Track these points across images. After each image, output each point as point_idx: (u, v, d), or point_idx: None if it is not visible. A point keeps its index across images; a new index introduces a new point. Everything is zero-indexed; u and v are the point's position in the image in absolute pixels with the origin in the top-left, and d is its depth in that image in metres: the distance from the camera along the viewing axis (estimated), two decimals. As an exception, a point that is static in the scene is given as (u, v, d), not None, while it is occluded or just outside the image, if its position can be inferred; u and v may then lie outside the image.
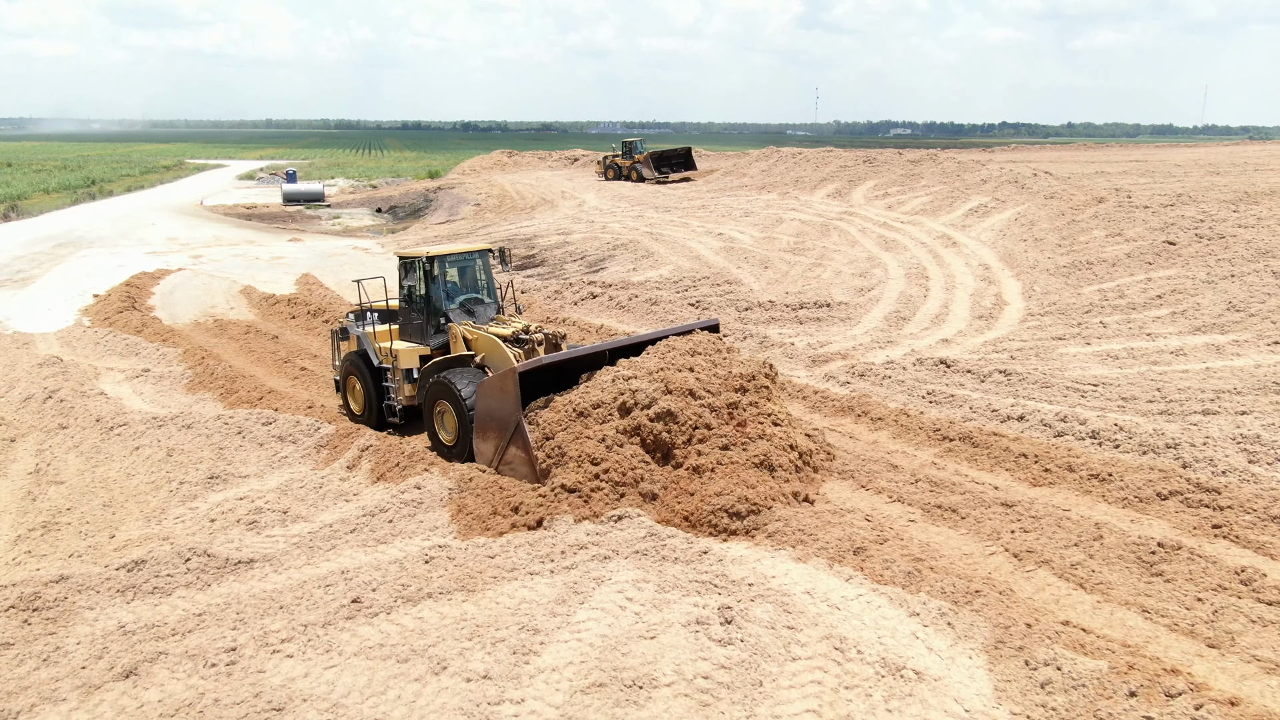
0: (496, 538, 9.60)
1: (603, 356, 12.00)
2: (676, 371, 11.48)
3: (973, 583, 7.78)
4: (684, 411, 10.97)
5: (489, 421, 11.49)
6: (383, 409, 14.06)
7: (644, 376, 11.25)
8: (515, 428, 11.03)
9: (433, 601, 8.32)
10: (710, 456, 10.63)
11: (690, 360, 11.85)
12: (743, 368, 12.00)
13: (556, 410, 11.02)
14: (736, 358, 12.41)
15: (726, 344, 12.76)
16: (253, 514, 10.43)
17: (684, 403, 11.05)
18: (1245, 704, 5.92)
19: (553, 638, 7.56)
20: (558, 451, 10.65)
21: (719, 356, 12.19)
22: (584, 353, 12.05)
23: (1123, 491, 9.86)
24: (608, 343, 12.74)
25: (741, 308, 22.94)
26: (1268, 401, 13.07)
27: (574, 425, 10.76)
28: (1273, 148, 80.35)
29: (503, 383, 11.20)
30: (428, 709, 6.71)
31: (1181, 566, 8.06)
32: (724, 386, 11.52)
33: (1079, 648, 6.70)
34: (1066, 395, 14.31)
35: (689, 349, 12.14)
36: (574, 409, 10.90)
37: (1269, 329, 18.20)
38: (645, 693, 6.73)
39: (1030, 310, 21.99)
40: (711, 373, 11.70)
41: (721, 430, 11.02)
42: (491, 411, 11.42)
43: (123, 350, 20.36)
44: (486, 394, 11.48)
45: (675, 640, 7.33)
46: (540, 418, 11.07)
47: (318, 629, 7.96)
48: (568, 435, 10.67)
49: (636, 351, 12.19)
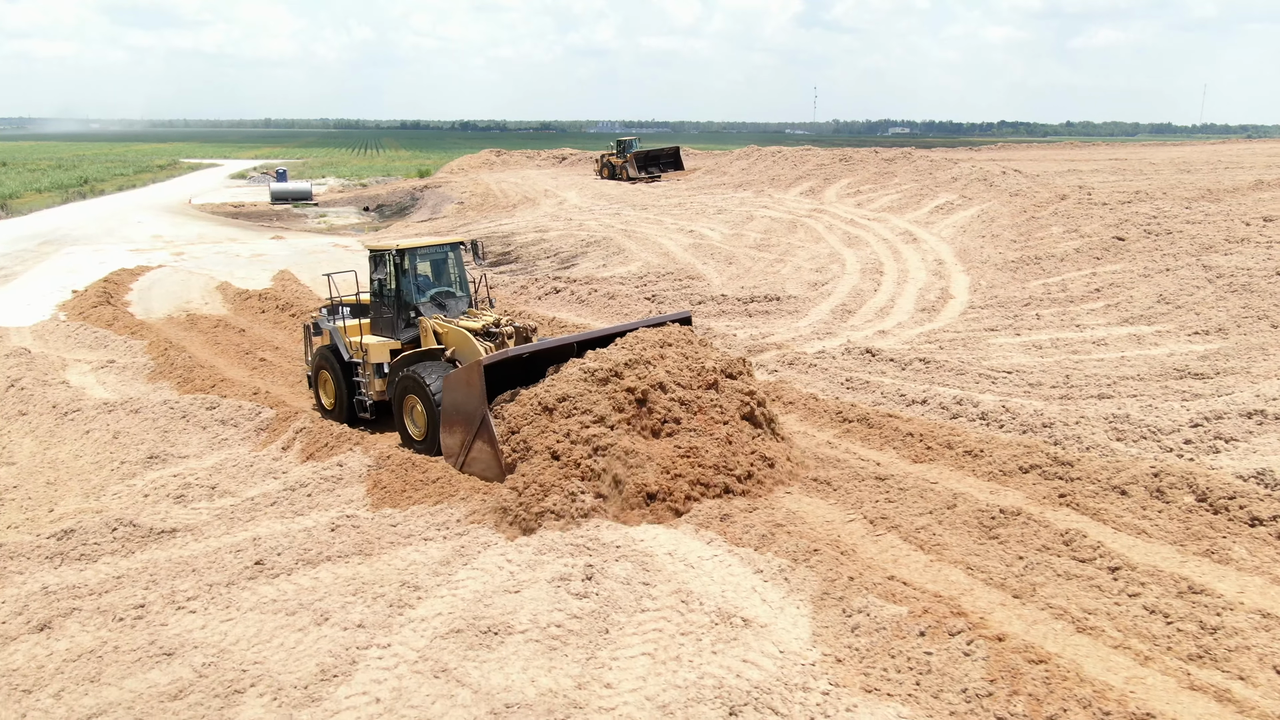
0: (403, 509, 10.32)
1: (570, 349, 11.72)
2: (646, 364, 11.24)
3: (816, 544, 8.48)
4: (656, 404, 10.76)
5: (455, 415, 11.33)
6: (353, 404, 13.90)
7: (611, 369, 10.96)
8: (481, 422, 10.87)
9: (330, 564, 9.04)
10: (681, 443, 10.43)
11: (660, 352, 11.64)
12: (716, 361, 11.88)
13: (522, 404, 10.82)
14: (710, 351, 12.27)
15: (700, 337, 12.63)
16: (181, 489, 11.15)
17: (654, 395, 10.84)
18: (1010, 639, 6.60)
19: (431, 594, 8.28)
20: (523, 446, 10.44)
21: (690, 349, 12.02)
22: (551, 345, 11.80)
23: (990, 466, 10.55)
24: (576, 335, 12.61)
25: (695, 301, 23.61)
26: (1158, 386, 13.75)
27: (539, 419, 10.56)
28: (1258, 146, 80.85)
29: (468, 376, 11.06)
30: (302, 653, 7.42)
31: (1016, 530, 8.75)
32: (695, 380, 11.36)
33: (890, 597, 7.39)
34: (978, 382, 14.99)
35: (659, 341, 11.91)
36: (539, 403, 10.69)
37: (1191, 320, 18.85)
38: (499, 638, 7.45)
39: (972, 303, 22.65)
40: (683, 365, 11.53)
41: (691, 424, 10.83)
42: (457, 405, 11.25)
43: (92, 343, 21.08)
44: (452, 387, 11.34)
45: (537, 594, 8.05)
46: (506, 411, 10.89)
47: (221, 588, 8.68)
48: (533, 429, 10.46)
49: (606, 344, 11.85)
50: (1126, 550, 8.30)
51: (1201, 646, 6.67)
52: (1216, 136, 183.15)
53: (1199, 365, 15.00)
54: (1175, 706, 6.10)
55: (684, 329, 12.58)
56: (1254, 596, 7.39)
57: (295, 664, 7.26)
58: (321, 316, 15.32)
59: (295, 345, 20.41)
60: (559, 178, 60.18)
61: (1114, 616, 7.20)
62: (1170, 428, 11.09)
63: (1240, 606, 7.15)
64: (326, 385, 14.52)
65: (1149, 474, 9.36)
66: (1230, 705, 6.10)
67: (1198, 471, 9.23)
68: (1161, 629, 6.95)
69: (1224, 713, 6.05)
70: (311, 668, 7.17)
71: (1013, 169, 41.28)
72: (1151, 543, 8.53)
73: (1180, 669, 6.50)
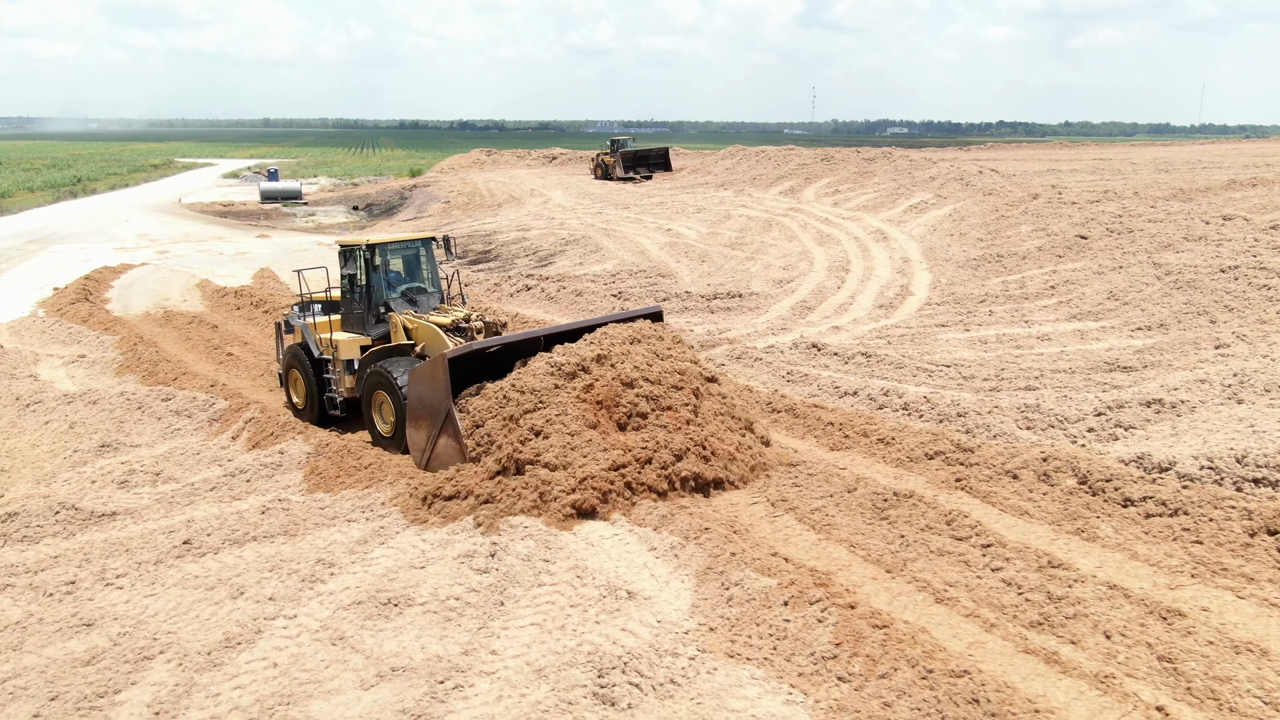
0: (335, 494, 10.77)
1: (538, 343, 11.69)
2: (613, 359, 11.17)
3: (709, 524, 8.93)
4: (621, 398, 10.77)
5: (420, 410, 11.29)
6: (324, 402, 13.76)
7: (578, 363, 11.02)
8: (446, 416, 10.84)
9: (256, 543, 9.50)
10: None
11: (629, 348, 11.56)
12: (687, 357, 11.86)
13: (487, 397, 10.87)
14: (681, 348, 12.23)
15: (671, 333, 12.59)
16: (126, 475, 11.61)
17: (620, 390, 10.83)
18: (861, 605, 7.06)
19: (343, 570, 8.74)
20: (487, 439, 10.48)
21: (660, 345, 11.98)
22: (518, 339, 11.73)
23: (898, 453, 11.00)
24: (544, 329, 12.50)
25: (660, 298, 24.03)
26: (1083, 379, 14.17)
27: (502, 411, 10.63)
28: (1246, 146, 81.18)
29: (433, 370, 11.01)
30: (213, 623, 7.88)
31: (904, 511, 9.19)
32: (663, 376, 11.25)
33: (766, 571, 7.84)
34: (914, 375, 15.42)
35: (629, 336, 11.83)
36: (504, 396, 10.80)
37: (1136, 316, 19.26)
38: (399, 609, 7.91)
39: (930, 300, 23.08)
40: (650, 361, 11.44)
41: (659, 420, 10.74)
42: (423, 400, 11.20)
43: (65, 338, 21.55)
44: (418, 381, 11.32)
45: (441, 570, 8.51)
46: (471, 405, 10.92)
47: (150, 566, 9.14)
48: (497, 423, 10.52)
49: (574, 338, 11.82)
50: (1004, 529, 8.75)
51: (1043, 614, 7.12)
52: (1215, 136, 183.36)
53: (1130, 359, 15.44)
54: (1005, 667, 6.54)
55: (654, 325, 12.61)
56: (1109, 571, 7.83)
57: (205, 633, 7.72)
58: (293, 314, 15.19)
59: (265, 340, 20.89)
60: (546, 177, 60.62)
61: (972, 589, 7.65)
62: (1076, 417, 11.53)
63: (1092, 579, 7.59)
64: (297, 384, 14.42)
65: (1039, 459, 9.80)
66: (1055, 666, 6.54)
67: (1082, 456, 9.67)
68: (1012, 599, 7.40)
69: (1049, 673, 6.49)
70: (219, 636, 7.63)
71: (989, 169, 41.68)
72: (1031, 522, 8.97)
73: (1020, 635, 6.95)
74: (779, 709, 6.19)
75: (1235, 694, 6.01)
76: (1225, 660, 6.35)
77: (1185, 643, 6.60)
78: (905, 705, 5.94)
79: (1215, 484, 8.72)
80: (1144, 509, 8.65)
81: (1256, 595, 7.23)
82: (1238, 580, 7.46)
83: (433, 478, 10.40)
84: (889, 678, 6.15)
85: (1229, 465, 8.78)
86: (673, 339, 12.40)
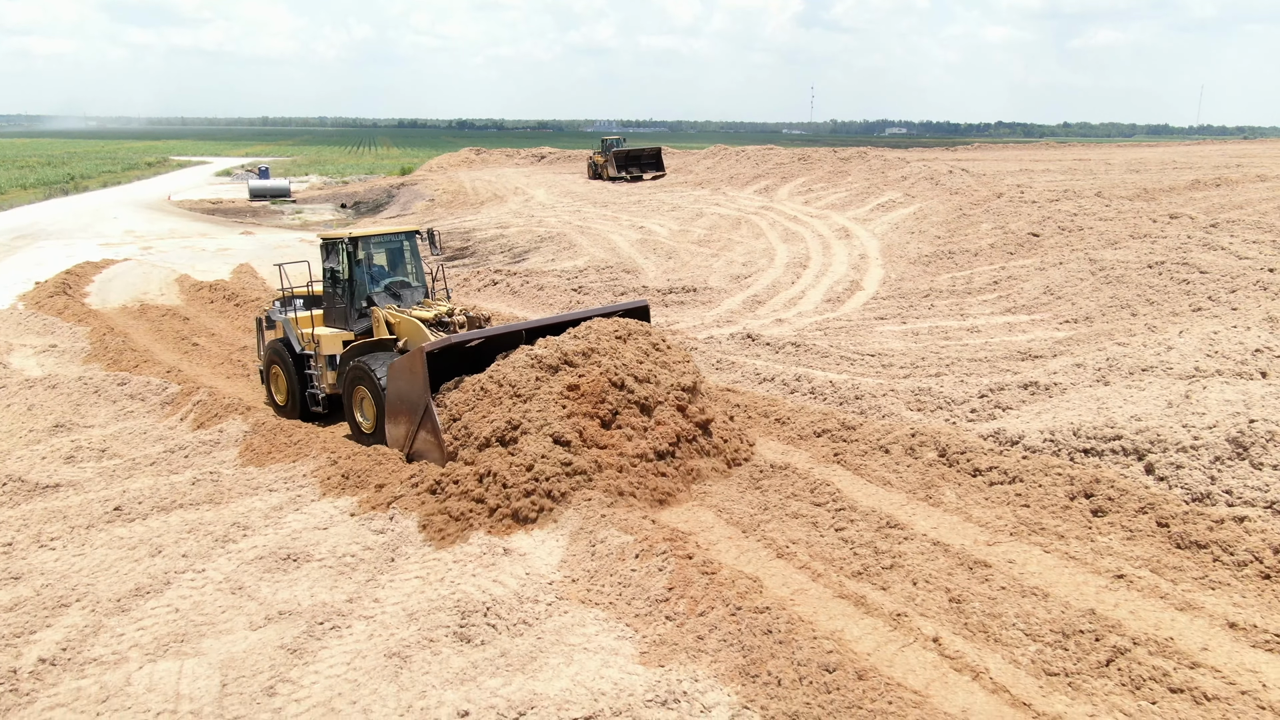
0: (265, 468, 11.57)
1: (519, 336, 11.55)
2: (596, 355, 11.02)
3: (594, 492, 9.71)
4: (607, 398, 10.56)
5: (400, 404, 11.24)
6: (305, 398, 13.62)
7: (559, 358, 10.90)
8: (424, 410, 10.78)
9: (182, 510, 10.30)
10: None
11: (614, 345, 11.38)
12: (674, 357, 11.75)
13: (465, 391, 10.83)
14: (671, 349, 12.04)
15: (659, 331, 12.41)
16: (73, 451, 12.41)
17: (603, 388, 10.64)
18: (697, 556, 7.85)
19: (257, 532, 9.53)
20: (464, 433, 10.43)
21: (646, 342, 11.79)
22: (498, 332, 11.56)
23: (791, 431, 11.78)
24: (525, 322, 12.35)
25: (618, 292, 24.83)
26: (989, 366, 14.95)
27: (480, 405, 10.54)
28: (1230, 148, 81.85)
29: (411, 363, 10.91)
30: (129, 577, 8.68)
31: (776, 482, 9.98)
32: (650, 377, 11.03)
33: (629, 530, 8.62)
34: (837, 363, 16.19)
35: (614, 331, 11.63)
36: (481, 389, 10.72)
37: (1066, 309, 20.04)
38: (296, 564, 8.71)
39: (877, 295, 23.85)
40: (636, 359, 11.22)
41: (637, 422, 10.53)
42: (402, 394, 11.15)
43: (40, 329, 22.35)
44: (396, 375, 11.24)
45: (342, 531, 9.31)
46: (448, 399, 10.88)
47: (82, 530, 9.94)
48: (474, 415, 10.45)
49: (557, 332, 11.67)
50: (862, 497, 9.54)
51: (865, 566, 7.90)
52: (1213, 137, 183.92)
53: (1045, 349, 16.21)
54: (816, 608, 7.33)
55: (641, 322, 12.39)
56: (941, 531, 8.62)
57: (119, 584, 8.52)
58: (274, 309, 14.95)
59: (233, 332, 21.74)
60: (532, 176, 61.42)
61: (811, 545, 8.44)
62: (963, 399, 12.30)
63: (921, 538, 8.38)
64: (278, 380, 14.20)
65: (908, 435, 10.58)
66: (861, 608, 7.32)
67: (946, 432, 10.45)
68: (842, 554, 8.18)
69: (854, 613, 7.27)
70: (130, 586, 8.43)
71: (960, 168, 42.45)
72: (890, 491, 9.76)
73: (839, 583, 7.73)
74: (610, 643, 6.98)
75: (1002, 627, 6.78)
76: (1007, 602, 7.13)
77: (980, 589, 7.38)
78: (714, 637, 6.72)
79: (1053, 454, 9.50)
80: (989, 478, 9.43)
81: (1060, 550, 8.01)
82: (1050, 538, 8.24)
83: (352, 458, 11.20)
84: (706, 615, 6.94)
85: (1066, 438, 9.55)
86: (662, 338, 12.14)
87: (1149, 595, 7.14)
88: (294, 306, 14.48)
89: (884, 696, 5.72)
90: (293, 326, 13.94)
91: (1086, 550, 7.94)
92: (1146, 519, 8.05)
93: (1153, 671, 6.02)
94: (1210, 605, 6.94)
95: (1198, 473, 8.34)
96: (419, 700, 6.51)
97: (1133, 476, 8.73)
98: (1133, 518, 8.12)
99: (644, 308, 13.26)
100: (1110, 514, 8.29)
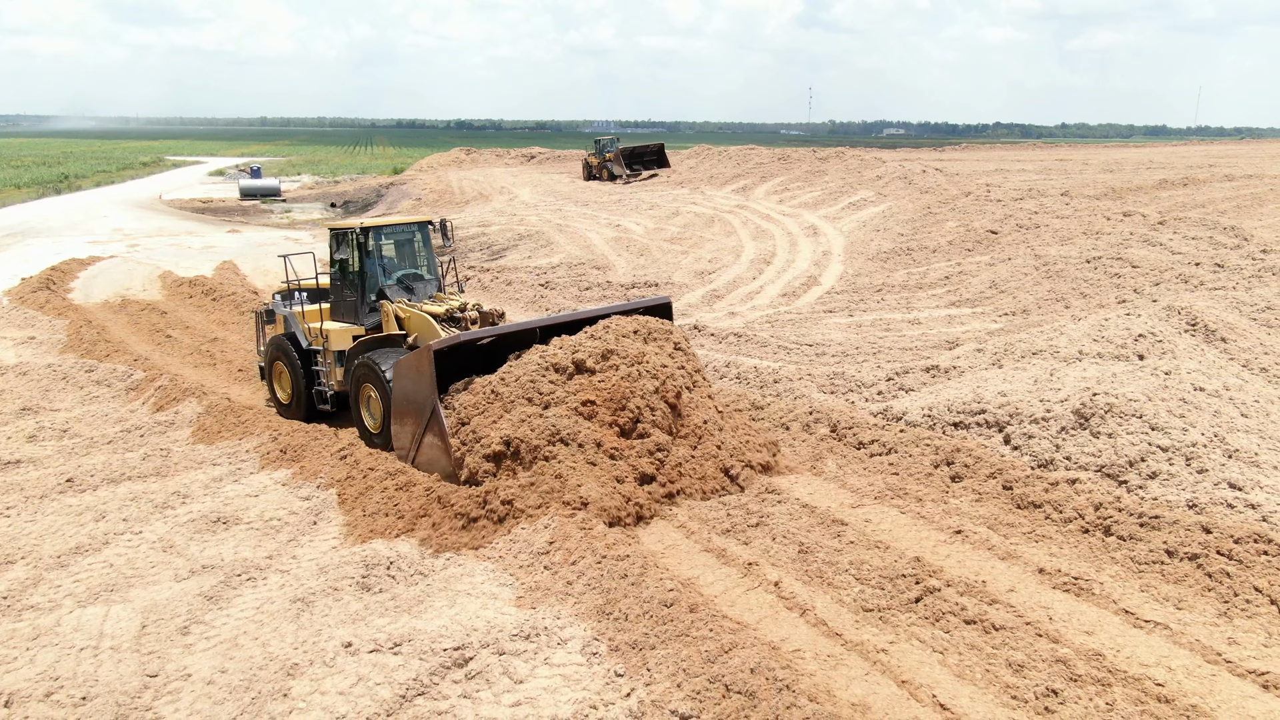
0: (214, 445, 12.37)
1: (533, 335, 11.02)
2: (614, 357, 10.39)
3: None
4: (627, 404, 9.96)
5: (406, 405, 10.69)
6: (312, 396, 13.06)
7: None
8: (431, 412, 10.22)
9: (130, 482, 11.10)
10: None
11: (634, 344, 10.71)
12: (691, 363, 11.18)
13: (475, 393, 10.23)
14: (690, 351, 11.46)
15: (681, 331, 11.68)
16: (36, 431, 13.21)
17: (624, 392, 10.01)
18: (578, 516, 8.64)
19: (195, 500, 10.34)
20: (473, 437, 9.88)
21: (670, 344, 11.13)
22: (510, 330, 11.01)
23: (708, 412, 12.55)
24: (539, 319, 11.93)
25: (584, 288, 25.64)
26: (913, 355, 15.73)
27: (491, 408, 9.95)
28: (1213, 148, 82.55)
29: (418, 363, 10.31)
30: (72, 539, 9.47)
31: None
32: (671, 383, 10.35)
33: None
34: (775, 353, 16.98)
35: (634, 330, 11.02)
36: (491, 391, 10.13)
37: (1006, 303, 20.82)
38: (226, 526, 9.51)
39: (832, 289, 24.64)
40: (661, 363, 10.52)
41: (658, 437, 9.92)
42: (408, 394, 10.59)
43: (21, 322, 23.18)
44: (402, 375, 10.68)
45: (272, 498, 10.11)
46: (457, 401, 10.29)
47: (35, 499, 10.74)
48: (484, 419, 9.89)
49: (573, 330, 11.09)
50: (753, 468, 10.30)
51: (734, 524, 8.69)
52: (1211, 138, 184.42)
53: (970, 338, 16.99)
54: (681, 560, 8.14)
55: (663, 321, 11.66)
56: (815, 496, 9.41)
57: (61, 544, 9.31)
58: (275, 302, 14.33)
59: (207, 325, 22.56)
60: (520, 175, 62.23)
61: (693, 509, 9.23)
62: (872, 381, 13.09)
63: (794, 502, 9.17)
64: (282, 377, 13.55)
65: (806, 413, 11.37)
66: (721, 559, 8.12)
67: (839, 409, 11.24)
68: (718, 516, 8.97)
69: (714, 563, 8.06)
70: (71, 545, 9.22)
71: (934, 168, 43.24)
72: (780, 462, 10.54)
73: (708, 539, 8.53)
74: (491, 589, 7.77)
75: (836, 572, 7.57)
76: (850, 552, 7.92)
77: (830, 543, 8.17)
78: (581, 582, 7.50)
79: (929, 428, 10.29)
80: (870, 450, 10.21)
81: (914, 511, 8.79)
82: (909, 501, 9.03)
83: (291, 434, 11.98)
84: (577, 564, 7.73)
85: (941, 413, 10.34)
86: (685, 340, 11.50)
87: (979, 547, 7.93)
88: (297, 300, 14.02)
89: (708, 626, 6.50)
90: (299, 321, 13.42)
91: (938, 511, 8.73)
92: (994, 483, 8.84)
93: (954, 607, 6.80)
94: (1029, 555, 7.73)
95: (1045, 441, 9.12)
96: (314, 637, 7.30)
97: (992, 446, 9.52)
98: (983, 482, 8.91)
99: (666, 305, 12.35)
100: (966, 479, 9.07)
